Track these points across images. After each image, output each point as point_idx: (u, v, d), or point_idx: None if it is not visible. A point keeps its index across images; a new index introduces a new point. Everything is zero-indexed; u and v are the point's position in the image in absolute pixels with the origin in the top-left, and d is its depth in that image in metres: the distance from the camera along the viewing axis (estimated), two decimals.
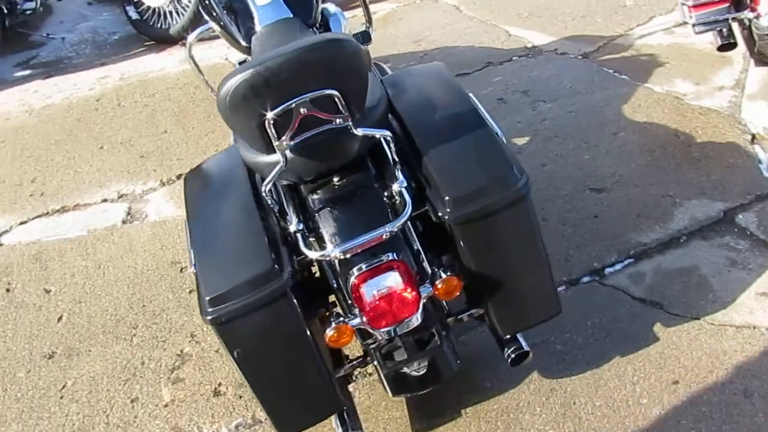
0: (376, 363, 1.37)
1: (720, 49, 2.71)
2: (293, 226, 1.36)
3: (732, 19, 2.66)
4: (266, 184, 1.32)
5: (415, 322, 1.31)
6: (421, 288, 1.32)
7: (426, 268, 1.40)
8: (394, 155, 1.38)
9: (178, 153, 2.94)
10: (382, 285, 1.26)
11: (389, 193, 1.38)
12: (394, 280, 1.26)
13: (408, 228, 1.42)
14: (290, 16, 1.93)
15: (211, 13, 1.95)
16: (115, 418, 1.72)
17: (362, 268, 1.31)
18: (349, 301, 1.33)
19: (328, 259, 1.31)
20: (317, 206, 1.38)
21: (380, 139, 1.34)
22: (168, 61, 3.86)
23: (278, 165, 1.29)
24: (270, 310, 1.28)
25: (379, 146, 1.39)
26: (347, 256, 1.30)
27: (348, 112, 1.24)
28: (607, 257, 2.04)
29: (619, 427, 1.54)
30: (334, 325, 1.29)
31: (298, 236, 1.34)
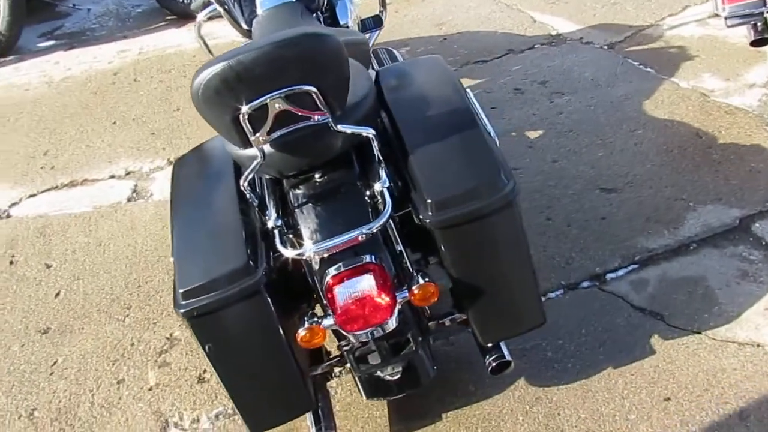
0: (350, 365, 1.35)
1: (753, 45, 2.56)
2: (271, 222, 1.33)
3: (767, 13, 2.51)
4: (244, 178, 1.30)
5: (389, 327, 1.27)
6: (398, 292, 1.28)
7: (408, 271, 1.36)
8: (379, 153, 1.33)
9: (188, 132, 2.93)
10: (354, 288, 1.23)
11: (371, 192, 1.33)
12: (368, 285, 1.22)
13: (391, 228, 1.37)
14: (293, 0, 1.88)
15: None
16: (100, 398, 1.74)
17: (339, 268, 1.27)
18: (324, 302, 1.30)
19: (302, 258, 1.28)
20: (297, 203, 1.35)
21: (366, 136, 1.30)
22: (186, 37, 3.85)
23: (256, 160, 1.26)
24: (242, 307, 1.26)
25: (366, 143, 1.34)
26: (323, 256, 1.27)
27: (327, 109, 1.20)
28: (611, 262, 1.97)
29: None
30: (306, 325, 1.27)
31: (275, 233, 1.31)
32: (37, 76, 3.64)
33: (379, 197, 1.31)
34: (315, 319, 1.28)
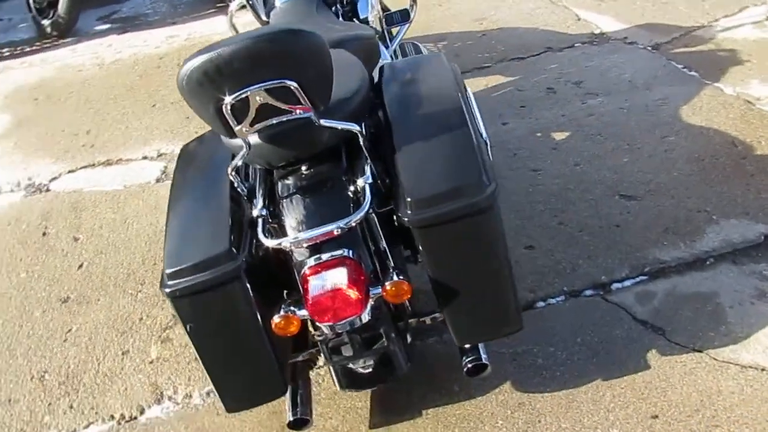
0: (323, 355, 1.37)
1: None
2: (257, 210, 1.36)
3: None
4: (231, 167, 1.34)
5: (361, 321, 1.29)
6: (373, 288, 1.29)
7: (388, 267, 1.37)
8: (365, 149, 1.35)
9: None
10: (325, 281, 1.25)
11: (355, 187, 1.35)
12: (338, 279, 1.24)
13: (374, 224, 1.38)
14: None
15: None
16: (105, 366, 1.84)
17: (317, 260, 1.30)
18: (301, 292, 1.33)
19: (280, 248, 1.31)
20: (283, 193, 1.38)
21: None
22: None
23: (242, 150, 1.30)
24: (221, 291, 1.31)
25: (357, 139, 1.36)
26: (302, 247, 1.30)
27: (309, 104, 1.22)
28: (618, 271, 1.91)
29: None
30: (282, 313, 1.30)
31: (258, 221, 1.34)
32: (90, 58, 3.83)
33: (362, 193, 1.33)
34: (291, 308, 1.31)
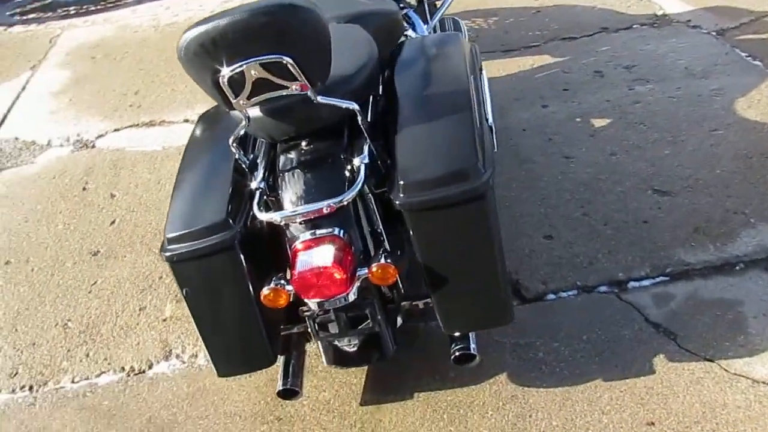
0: (310, 330, 1.39)
1: None
2: (255, 183, 1.38)
3: None
4: (232, 138, 1.36)
5: (345, 301, 1.29)
6: (360, 269, 1.29)
7: (378, 249, 1.36)
8: (364, 128, 1.33)
9: None
10: (310, 258, 1.25)
11: (352, 166, 1.34)
12: (324, 257, 1.25)
13: (371, 204, 1.38)
14: None
15: None
16: (122, 321, 1.93)
17: (310, 235, 1.31)
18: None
19: (272, 222, 1.32)
20: (283, 167, 1.38)
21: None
22: None
23: (242, 122, 1.31)
24: (215, 259, 1.34)
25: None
26: (295, 222, 1.31)
27: (306, 80, 1.21)
28: (637, 269, 1.83)
29: None
30: (271, 286, 1.32)
31: (256, 194, 1.36)
32: (148, 20, 3.93)
33: (357, 172, 1.32)
34: (282, 282, 1.33)
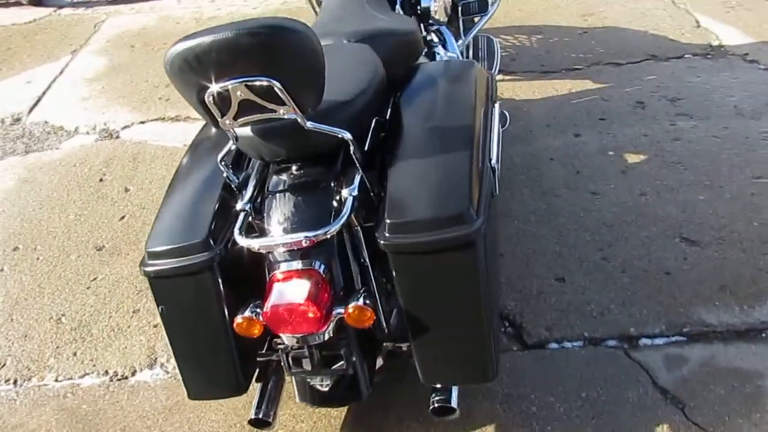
0: (283, 364, 1.32)
1: None
2: (240, 204, 1.32)
3: None
4: (220, 156, 1.30)
5: (318, 339, 1.22)
6: (337, 307, 1.22)
7: (358, 289, 1.28)
8: (357, 158, 1.25)
9: None
10: (285, 293, 1.19)
11: (340, 197, 1.26)
12: (298, 293, 1.17)
13: (359, 238, 1.30)
14: None
15: None
16: (114, 321, 1.90)
17: (288, 267, 1.24)
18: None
19: (250, 248, 1.26)
20: (272, 190, 1.32)
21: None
22: None
23: (228, 142, 1.26)
24: (192, 280, 1.28)
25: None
26: (272, 252, 1.25)
27: (295, 105, 1.14)
28: (651, 326, 1.70)
29: None
30: (246, 314, 1.26)
31: (240, 216, 1.30)
32: (191, 11, 3.95)
33: (344, 204, 1.24)
34: (257, 310, 1.26)
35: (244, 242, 1.25)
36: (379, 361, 1.40)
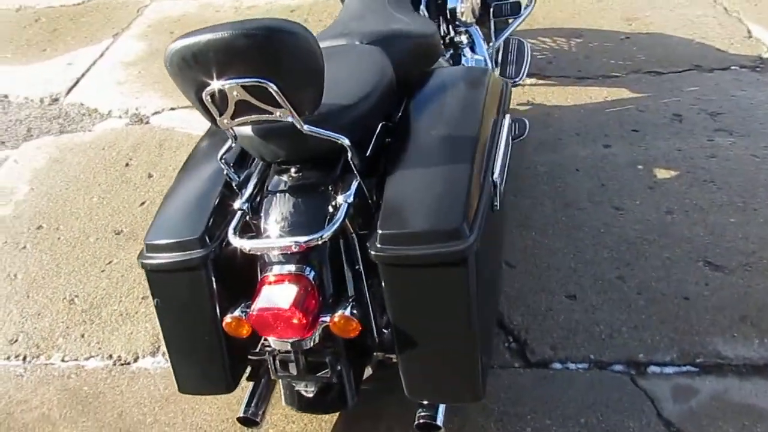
0: (269, 367, 1.31)
1: None
2: (238, 203, 1.31)
3: None
4: (220, 154, 1.30)
5: (303, 346, 1.20)
6: (324, 315, 1.20)
7: (347, 298, 1.26)
8: (355, 164, 1.23)
9: None
10: (271, 297, 1.17)
11: (336, 203, 1.24)
12: (284, 298, 1.16)
13: (353, 245, 1.27)
14: None
15: None
16: (123, 306, 1.94)
17: (279, 271, 1.23)
18: None
19: (242, 249, 1.25)
20: (270, 190, 1.31)
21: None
22: None
23: (228, 140, 1.25)
24: (185, 276, 1.29)
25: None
26: (266, 254, 1.24)
27: (291, 108, 1.12)
28: (662, 353, 1.63)
29: None
30: (235, 314, 1.26)
31: (236, 215, 1.30)
32: (231, 0, 3.97)
33: (339, 210, 1.22)
34: (246, 311, 1.26)
35: (236, 242, 1.24)
36: (369, 371, 1.38)
